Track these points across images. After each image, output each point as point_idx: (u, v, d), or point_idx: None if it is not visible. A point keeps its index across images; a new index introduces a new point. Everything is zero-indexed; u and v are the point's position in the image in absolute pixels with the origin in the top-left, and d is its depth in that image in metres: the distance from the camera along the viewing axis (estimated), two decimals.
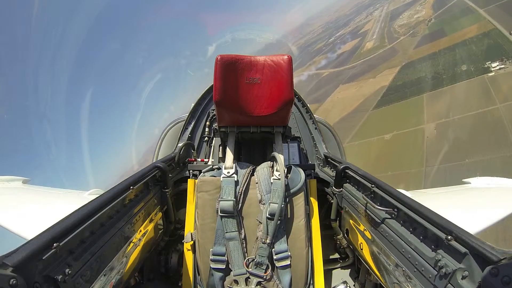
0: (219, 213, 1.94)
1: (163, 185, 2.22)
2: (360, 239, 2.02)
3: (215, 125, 2.91)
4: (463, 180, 4.43)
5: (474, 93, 42.49)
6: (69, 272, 1.15)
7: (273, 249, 1.94)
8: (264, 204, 1.99)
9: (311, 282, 2.08)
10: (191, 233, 2.10)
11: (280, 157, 2.04)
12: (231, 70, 1.90)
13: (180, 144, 2.69)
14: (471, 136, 36.25)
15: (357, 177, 2.05)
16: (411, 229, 1.48)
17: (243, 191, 2.02)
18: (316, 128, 2.96)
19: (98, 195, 1.54)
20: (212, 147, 2.91)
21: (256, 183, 2.06)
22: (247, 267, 1.92)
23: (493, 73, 43.52)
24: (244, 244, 1.96)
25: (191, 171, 2.58)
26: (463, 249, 1.13)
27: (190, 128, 2.94)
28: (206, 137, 2.97)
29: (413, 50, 60.23)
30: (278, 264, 1.95)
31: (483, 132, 35.86)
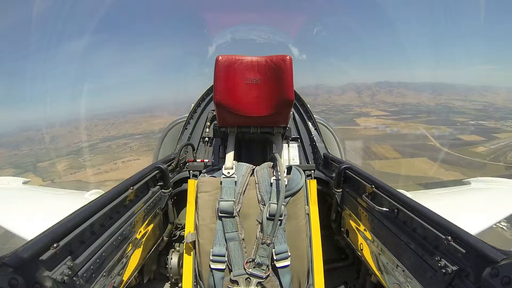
0: (219, 214, 1.94)
1: (163, 185, 2.22)
2: (360, 240, 2.02)
3: (215, 125, 2.92)
4: (463, 180, 4.44)
5: None
6: (69, 272, 1.15)
7: (273, 250, 1.94)
8: (264, 204, 1.98)
9: (311, 282, 2.08)
10: (191, 234, 2.10)
11: (280, 158, 2.04)
12: (231, 70, 1.90)
13: (180, 145, 2.69)
14: None
15: (357, 178, 2.05)
16: (411, 229, 1.48)
17: (243, 192, 2.02)
18: (316, 128, 2.96)
19: (98, 196, 1.54)
20: (212, 147, 2.91)
21: (256, 183, 2.06)
22: (247, 268, 1.91)
23: (494, 226, 49.32)
24: (244, 245, 1.96)
25: (191, 171, 2.58)
26: (463, 250, 1.13)
27: (190, 129, 2.94)
28: (206, 138, 2.97)
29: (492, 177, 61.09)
30: (278, 265, 1.95)
31: None
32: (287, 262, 1.95)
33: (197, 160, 2.81)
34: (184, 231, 2.30)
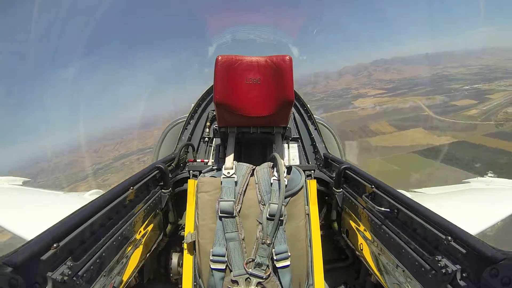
0: (219, 214, 1.94)
1: (163, 185, 2.22)
2: (360, 240, 2.02)
3: (215, 125, 2.92)
4: (463, 180, 4.44)
5: None
6: (69, 272, 1.15)
7: (273, 250, 1.94)
8: (264, 204, 1.98)
9: (311, 282, 2.08)
10: (191, 234, 2.10)
11: (280, 158, 2.04)
12: (231, 70, 1.90)
13: (180, 145, 2.69)
14: None
15: (357, 178, 2.05)
16: (411, 229, 1.48)
17: (243, 192, 2.01)
18: (316, 129, 2.96)
19: (98, 196, 1.54)
20: (212, 147, 2.91)
21: (256, 183, 2.06)
22: (247, 268, 1.91)
23: (481, 179, 52.53)
24: (244, 245, 1.96)
25: (191, 171, 2.58)
26: (463, 250, 1.13)
27: (190, 129, 2.94)
28: (206, 138, 2.97)
29: (481, 136, 62.07)
30: (278, 265, 1.94)
31: None
32: (287, 262, 1.95)
33: (197, 160, 2.81)
34: (184, 231, 2.30)
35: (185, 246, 2.17)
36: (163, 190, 2.22)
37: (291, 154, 2.88)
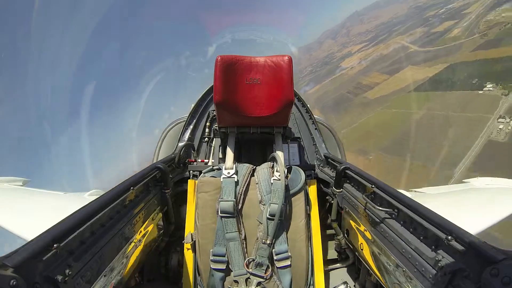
0: (219, 214, 1.94)
1: (163, 185, 2.22)
2: (360, 240, 2.02)
3: (215, 125, 2.92)
4: (463, 180, 4.44)
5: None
6: (70, 272, 1.15)
7: (273, 250, 1.94)
8: (264, 204, 1.99)
9: (312, 282, 2.08)
10: (191, 234, 2.10)
11: (280, 158, 2.04)
12: (231, 70, 1.90)
13: (180, 145, 2.69)
14: None
15: (357, 178, 2.05)
16: (411, 229, 1.48)
17: (243, 192, 2.02)
18: (316, 128, 2.96)
19: (98, 196, 1.54)
20: (212, 147, 2.91)
21: (256, 183, 2.06)
22: (248, 268, 1.92)
23: (482, 92, 52.15)
24: (245, 245, 1.96)
25: (191, 171, 2.58)
26: (463, 249, 1.13)
27: (190, 129, 2.94)
28: (206, 138, 2.97)
29: (469, 53, 62.62)
30: (278, 265, 1.95)
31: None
32: (287, 262, 1.95)
33: (197, 160, 2.81)
34: (184, 231, 2.30)
35: (185, 246, 2.17)
36: (163, 190, 2.23)
37: (291, 154, 2.88)
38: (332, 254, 2.73)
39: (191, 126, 2.95)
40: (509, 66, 51.16)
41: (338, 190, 2.28)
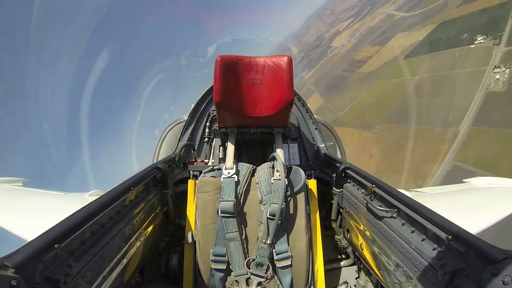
0: (220, 214, 1.94)
1: (164, 186, 2.22)
2: (361, 239, 2.02)
3: (215, 125, 2.92)
4: (463, 180, 4.44)
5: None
6: (70, 273, 1.15)
7: (273, 250, 1.94)
8: (264, 204, 1.98)
9: (312, 282, 2.08)
10: (192, 234, 2.10)
11: (280, 158, 2.04)
12: (231, 70, 1.90)
13: (180, 145, 2.69)
14: None
15: (358, 177, 2.05)
16: (411, 229, 1.48)
17: (243, 192, 2.02)
18: (316, 128, 2.96)
19: (98, 196, 1.54)
20: (213, 147, 2.91)
21: (257, 183, 2.06)
22: (248, 268, 1.91)
23: (473, 46, 51.63)
24: (245, 245, 1.96)
25: (191, 171, 2.58)
26: (463, 249, 1.13)
27: (190, 129, 2.94)
28: (207, 138, 2.97)
29: (455, 9, 61.94)
30: (278, 265, 1.95)
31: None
32: (287, 262, 1.95)
33: (198, 161, 2.81)
34: (184, 231, 2.30)
35: (185, 246, 2.17)
36: (163, 191, 2.22)
37: (291, 153, 2.88)
38: (333, 254, 2.73)
39: (191, 126, 2.95)
40: (495, 15, 50.34)
41: (338, 190, 2.28)
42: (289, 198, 2.02)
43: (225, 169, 2.06)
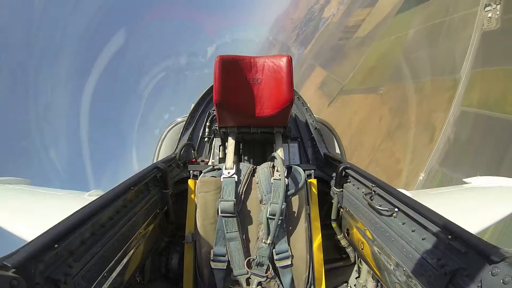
0: (220, 214, 1.94)
1: (163, 185, 2.22)
2: (361, 239, 2.02)
3: (215, 125, 2.92)
4: (463, 180, 4.44)
5: None
6: (70, 273, 1.15)
7: (273, 249, 1.94)
8: (264, 204, 1.99)
9: (312, 282, 2.08)
10: (192, 234, 2.10)
11: (280, 157, 2.04)
12: (231, 70, 1.90)
13: (180, 145, 2.69)
14: None
15: (358, 177, 2.05)
16: (411, 229, 1.48)
17: (243, 192, 2.02)
18: (316, 128, 2.96)
19: (98, 196, 1.54)
20: (213, 147, 2.91)
21: (257, 183, 2.06)
22: (248, 267, 1.92)
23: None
24: (245, 244, 1.96)
25: (191, 171, 2.58)
26: (463, 249, 1.13)
27: (190, 129, 2.94)
28: (207, 138, 2.97)
29: None
30: (279, 264, 1.95)
31: None
32: (287, 262, 1.95)
33: (198, 160, 2.81)
34: (184, 231, 2.30)
35: (185, 246, 2.17)
36: (163, 190, 2.22)
37: (291, 153, 2.88)
38: (333, 253, 2.73)
39: (191, 126, 2.95)
40: None
41: (338, 190, 2.28)
42: (289, 198, 2.02)
43: (225, 169, 2.06)
